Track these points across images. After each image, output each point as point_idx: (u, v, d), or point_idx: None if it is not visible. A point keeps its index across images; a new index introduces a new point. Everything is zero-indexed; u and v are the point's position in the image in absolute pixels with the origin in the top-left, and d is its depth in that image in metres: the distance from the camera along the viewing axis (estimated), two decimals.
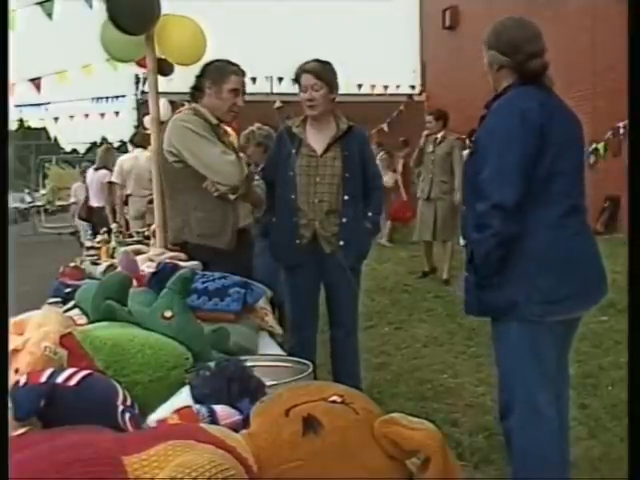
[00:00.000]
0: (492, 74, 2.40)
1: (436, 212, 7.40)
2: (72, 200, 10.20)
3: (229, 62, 3.18)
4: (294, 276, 3.57)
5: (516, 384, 2.31)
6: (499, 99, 2.33)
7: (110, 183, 7.53)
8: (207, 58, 3.35)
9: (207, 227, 3.05)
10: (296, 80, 3.48)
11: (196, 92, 3.17)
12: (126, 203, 7.00)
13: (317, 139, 3.48)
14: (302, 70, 3.43)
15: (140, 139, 6.96)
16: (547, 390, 2.33)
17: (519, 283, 2.21)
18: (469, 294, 2.36)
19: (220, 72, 3.12)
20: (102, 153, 8.64)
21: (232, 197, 3.03)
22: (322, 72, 3.41)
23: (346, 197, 3.44)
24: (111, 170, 8.02)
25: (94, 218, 8.14)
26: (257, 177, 3.28)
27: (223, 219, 3.07)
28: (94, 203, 8.37)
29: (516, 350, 2.28)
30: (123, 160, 7.18)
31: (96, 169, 8.40)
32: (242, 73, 3.18)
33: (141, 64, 3.93)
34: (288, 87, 14.27)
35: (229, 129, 3.89)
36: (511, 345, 2.30)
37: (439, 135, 7.53)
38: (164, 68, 3.72)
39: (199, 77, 3.17)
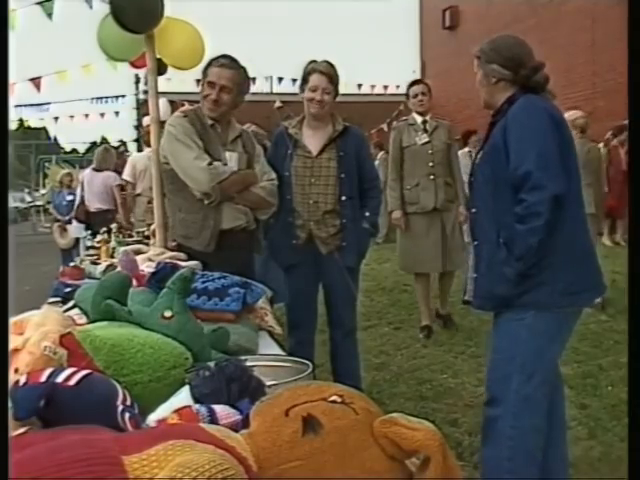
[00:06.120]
0: (487, 87, 2.44)
1: (444, 230, 5.13)
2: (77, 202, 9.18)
3: (213, 59, 3.16)
4: (292, 276, 3.56)
5: (515, 373, 2.32)
6: (513, 104, 2.33)
7: (120, 185, 7.30)
8: (205, 62, 3.33)
9: (185, 228, 3.10)
10: (305, 77, 3.45)
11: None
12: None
13: (313, 140, 3.48)
14: (316, 70, 3.41)
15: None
16: (546, 383, 2.37)
17: (547, 274, 2.27)
18: (484, 290, 2.40)
19: (204, 70, 3.15)
20: (102, 154, 8.20)
21: (206, 202, 3.02)
22: (334, 76, 3.44)
23: (343, 198, 3.43)
24: (113, 171, 7.90)
25: (95, 221, 7.50)
26: (266, 177, 3.24)
27: (202, 221, 3.06)
28: (95, 205, 7.85)
29: (526, 340, 2.31)
30: (136, 159, 6.92)
31: (97, 170, 7.95)
32: (221, 65, 3.07)
33: (135, 65, 3.95)
34: (288, 87, 14.31)
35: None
36: (521, 335, 2.31)
37: (427, 118, 5.27)
38: (159, 67, 3.72)
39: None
